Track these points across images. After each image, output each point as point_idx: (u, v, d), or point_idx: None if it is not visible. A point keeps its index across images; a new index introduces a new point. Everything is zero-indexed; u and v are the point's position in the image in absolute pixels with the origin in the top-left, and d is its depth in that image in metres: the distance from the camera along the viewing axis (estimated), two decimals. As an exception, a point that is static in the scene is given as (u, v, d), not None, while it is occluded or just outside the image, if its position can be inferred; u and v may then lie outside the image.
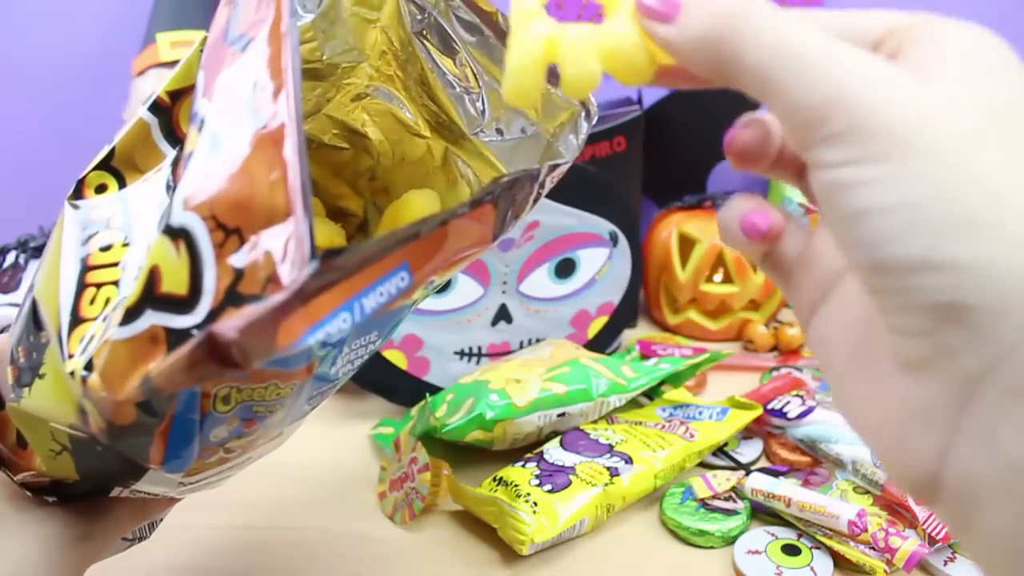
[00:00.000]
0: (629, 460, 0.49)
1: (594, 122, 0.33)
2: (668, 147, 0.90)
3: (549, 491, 0.46)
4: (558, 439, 0.52)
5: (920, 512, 0.43)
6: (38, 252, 0.70)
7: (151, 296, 0.22)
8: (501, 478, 0.48)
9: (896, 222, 0.17)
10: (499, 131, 0.36)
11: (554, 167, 0.30)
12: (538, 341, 0.66)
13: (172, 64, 0.78)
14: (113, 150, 0.29)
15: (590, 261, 0.67)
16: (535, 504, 0.45)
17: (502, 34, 0.34)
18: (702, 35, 0.20)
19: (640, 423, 0.55)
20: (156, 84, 0.80)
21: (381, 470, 0.52)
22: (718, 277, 0.78)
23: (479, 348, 0.64)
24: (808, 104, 0.18)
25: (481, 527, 0.48)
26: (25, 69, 0.96)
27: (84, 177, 0.28)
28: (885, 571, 0.42)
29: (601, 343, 0.70)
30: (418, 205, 0.37)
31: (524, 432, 0.53)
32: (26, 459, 0.30)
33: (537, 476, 0.48)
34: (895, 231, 0.17)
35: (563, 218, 0.63)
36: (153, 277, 0.22)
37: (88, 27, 0.95)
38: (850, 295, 0.22)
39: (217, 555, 0.46)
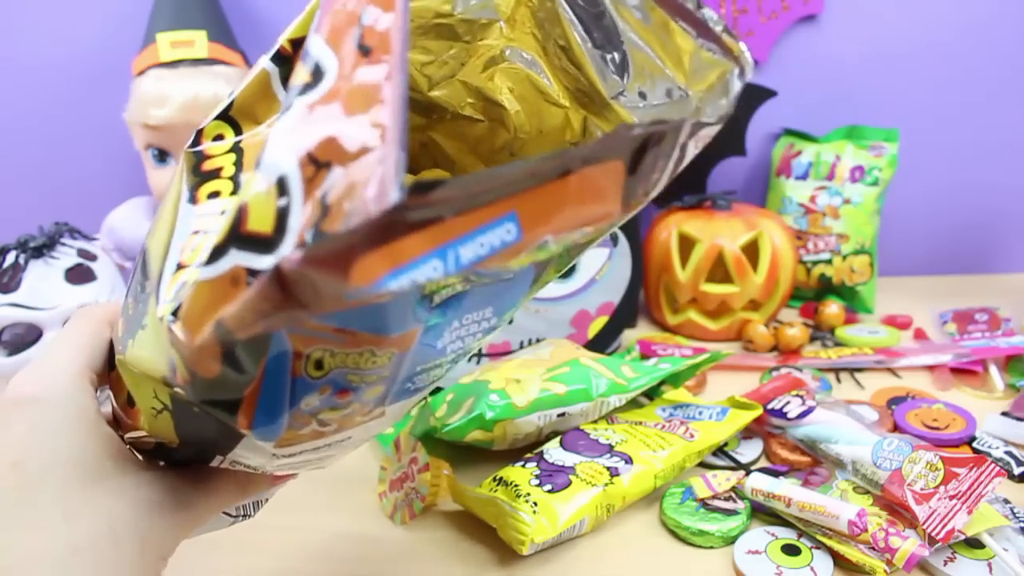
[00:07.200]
0: (629, 460, 0.49)
1: (747, 80, 0.29)
2: (668, 147, 0.90)
3: (549, 491, 0.46)
4: (558, 439, 0.52)
5: (920, 512, 0.43)
6: (38, 252, 0.70)
7: (236, 234, 0.20)
8: (501, 478, 0.48)
9: None
10: (642, 95, 0.33)
11: (699, 126, 0.26)
12: (538, 341, 0.66)
13: (172, 64, 0.79)
14: (233, 100, 0.28)
15: (590, 261, 0.67)
16: (535, 504, 0.45)
17: None
18: None
19: (640, 423, 0.55)
20: (156, 83, 0.80)
21: (381, 470, 0.52)
22: (718, 277, 0.78)
23: (479, 348, 0.64)
24: None
25: (481, 527, 0.48)
26: (25, 69, 0.97)
27: (203, 128, 0.28)
28: (885, 571, 0.42)
29: (601, 343, 0.70)
30: None
31: (524, 432, 0.53)
32: (134, 418, 0.29)
33: (537, 476, 0.48)
34: None
35: (563, 218, 0.63)
36: (241, 215, 0.20)
37: (88, 27, 0.95)
38: None
39: (217, 554, 0.46)
